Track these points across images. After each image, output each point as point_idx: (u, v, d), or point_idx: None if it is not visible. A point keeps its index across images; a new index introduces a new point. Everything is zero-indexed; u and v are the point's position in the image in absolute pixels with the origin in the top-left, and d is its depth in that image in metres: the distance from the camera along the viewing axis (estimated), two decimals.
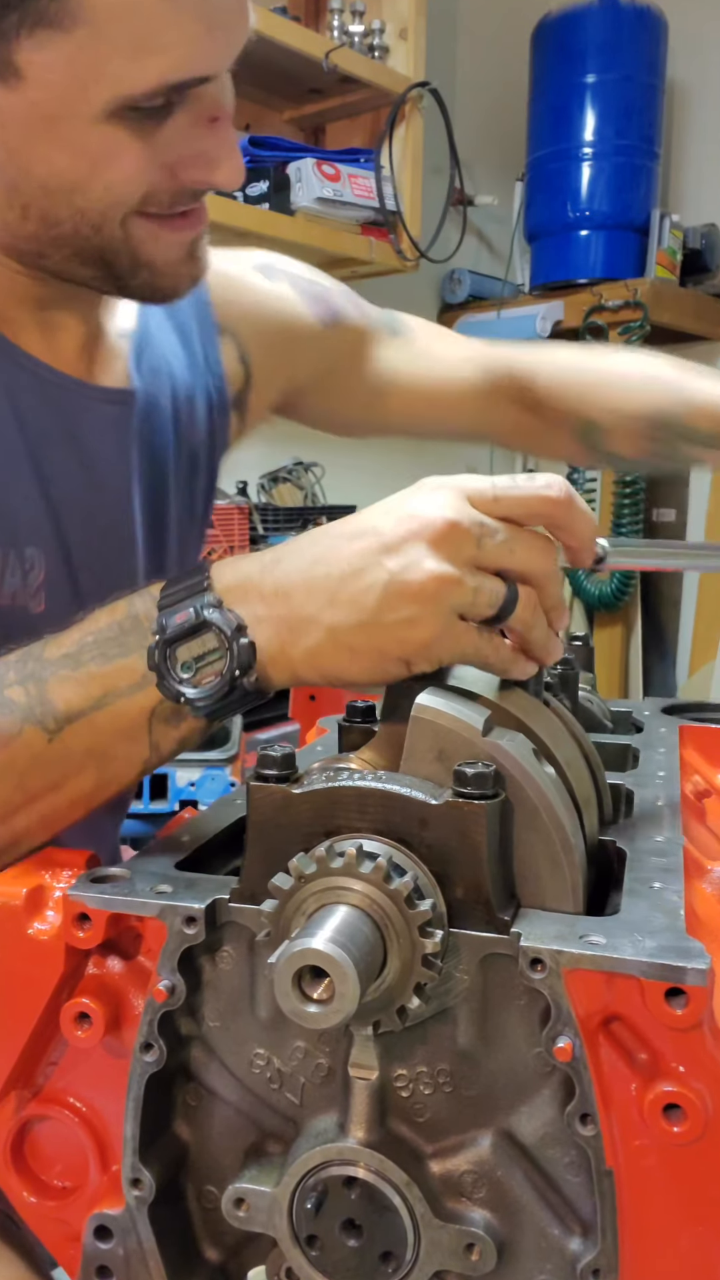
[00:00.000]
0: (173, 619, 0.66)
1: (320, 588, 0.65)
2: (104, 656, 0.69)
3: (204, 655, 0.66)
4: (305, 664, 0.65)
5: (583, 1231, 0.53)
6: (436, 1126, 0.55)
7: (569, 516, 0.65)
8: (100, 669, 0.69)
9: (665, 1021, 0.48)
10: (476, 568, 0.63)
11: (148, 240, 0.84)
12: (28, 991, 0.57)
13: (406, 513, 0.64)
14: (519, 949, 0.50)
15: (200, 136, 0.80)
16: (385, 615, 0.63)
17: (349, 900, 0.50)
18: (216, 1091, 0.59)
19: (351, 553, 0.64)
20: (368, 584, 0.63)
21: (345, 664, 0.65)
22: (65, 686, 0.70)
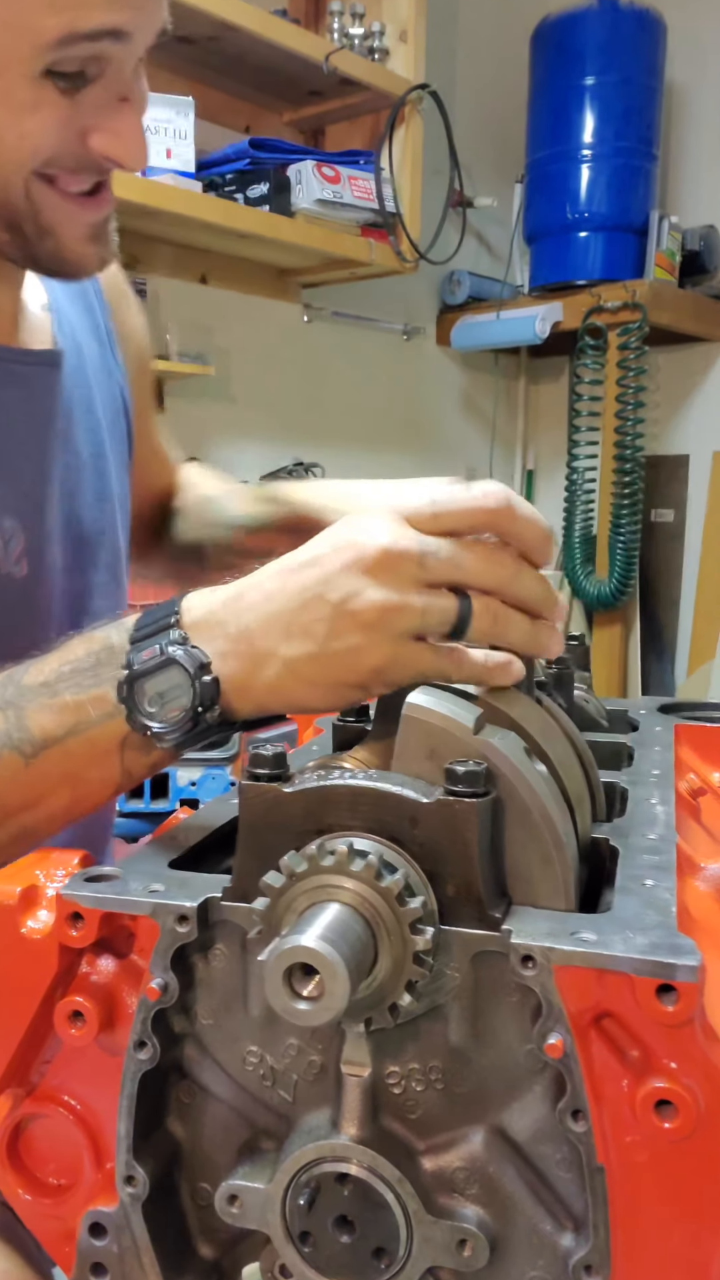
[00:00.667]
0: (140, 655, 0.69)
1: (275, 623, 0.66)
2: (79, 686, 0.72)
3: (168, 691, 0.68)
4: (268, 695, 0.67)
5: (574, 1227, 0.53)
6: (429, 1123, 0.55)
7: (510, 523, 0.65)
8: (75, 698, 0.71)
9: (656, 1018, 0.48)
10: (426, 586, 0.63)
11: (50, 209, 0.88)
12: (21, 990, 0.57)
13: (343, 541, 0.65)
14: (510, 946, 0.50)
15: (111, 111, 0.86)
16: (333, 645, 0.64)
17: (340, 898, 0.50)
18: (210, 1089, 0.59)
19: (299, 586, 0.66)
20: (314, 617, 0.65)
21: (305, 694, 0.67)
22: (42, 714, 0.72)
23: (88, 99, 0.85)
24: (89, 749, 0.72)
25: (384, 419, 3.97)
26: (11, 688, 0.74)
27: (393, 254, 3.20)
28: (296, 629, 0.65)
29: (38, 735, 0.72)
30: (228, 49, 2.77)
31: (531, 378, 4.51)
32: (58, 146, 0.85)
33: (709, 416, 4.08)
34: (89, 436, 1.11)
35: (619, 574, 3.67)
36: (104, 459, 1.13)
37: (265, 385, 3.52)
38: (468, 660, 0.64)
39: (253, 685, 0.67)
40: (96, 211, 0.92)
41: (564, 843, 0.55)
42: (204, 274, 3.25)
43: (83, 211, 0.90)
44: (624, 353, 3.55)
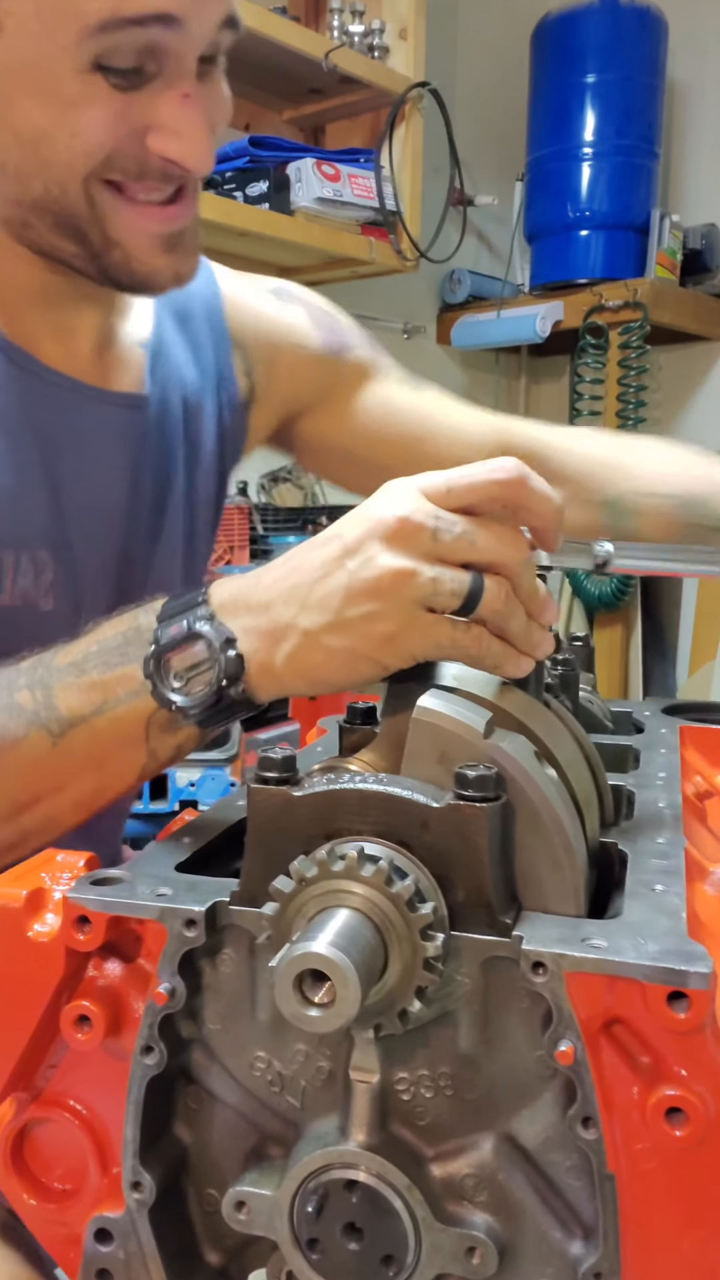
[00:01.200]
0: (168, 631, 0.70)
1: (294, 595, 0.67)
2: (106, 665, 0.73)
3: (195, 665, 0.69)
4: (288, 671, 0.68)
5: (584, 1235, 0.53)
6: (438, 1130, 0.55)
7: (524, 495, 0.64)
8: (102, 677, 0.72)
9: (667, 1025, 0.47)
10: (437, 560, 0.63)
11: (114, 215, 0.85)
12: (28, 994, 0.57)
13: (364, 515, 0.66)
14: (520, 952, 0.50)
15: (170, 108, 0.82)
16: (349, 612, 0.65)
17: (350, 903, 0.50)
18: (217, 1094, 0.59)
19: (318, 559, 0.67)
20: (332, 586, 0.65)
21: (322, 666, 0.67)
22: (70, 693, 0.73)
23: (146, 96, 0.81)
24: (115, 728, 0.72)
25: None
26: (41, 669, 0.75)
27: (393, 252, 3.19)
28: (314, 600, 0.66)
29: (65, 714, 0.73)
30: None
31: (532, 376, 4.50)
32: (114, 146, 0.82)
33: (710, 415, 4.08)
34: (165, 488, 1.08)
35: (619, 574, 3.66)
36: (195, 501, 1.11)
37: None
38: (487, 640, 0.64)
39: (274, 660, 0.68)
40: (168, 222, 0.88)
41: (574, 847, 0.55)
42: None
43: (151, 221, 0.87)
44: (625, 352, 3.55)
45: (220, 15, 0.83)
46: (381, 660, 0.65)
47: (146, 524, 1.06)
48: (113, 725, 0.72)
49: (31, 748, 0.73)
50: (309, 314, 1.27)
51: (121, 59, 0.78)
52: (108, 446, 1.01)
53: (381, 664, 0.65)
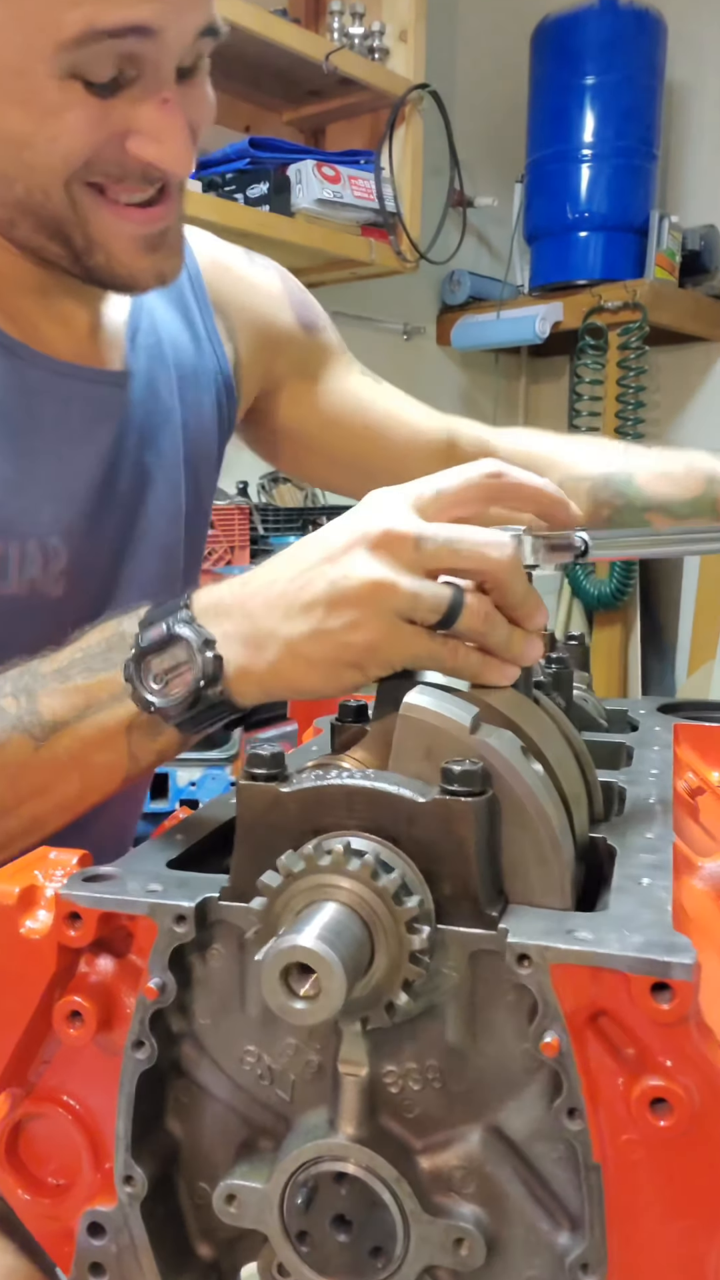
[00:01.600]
0: (148, 634, 0.70)
1: (277, 603, 0.68)
2: (89, 670, 0.74)
3: (174, 667, 0.69)
4: (270, 677, 0.69)
5: (571, 1226, 0.53)
6: (426, 1122, 0.55)
7: (510, 486, 0.66)
8: (85, 682, 0.73)
9: (651, 1016, 0.48)
10: (421, 571, 0.64)
11: (96, 217, 0.86)
12: (19, 990, 0.57)
13: (350, 524, 0.67)
14: (506, 945, 0.50)
15: (149, 113, 0.83)
16: (330, 622, 0.65)
17: (336, 898, 0.50)
18: (208, 1088, 0.59)
19: (301, 566, 0.68)
20: (313, 594, 0.66)
21: (304, 674, 0.68)
22: (53, 698, 0.74)
23: (125, 101, 0.82)
24: (97, 732, 0.73)
25: None
26: (27, 676, 0.76)
27: (393, 254, 3.20)
28: (296, 608, 0.67)
29: (48, 718, 0.73)
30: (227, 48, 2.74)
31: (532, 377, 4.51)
32: (93, 151, 0.83)
33: (709, 416, 4.08)
34: (166, 455, 1.08)
35: (619, 574, 3.67)
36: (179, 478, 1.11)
37: None
38: (463, 652, 0.65)
39: (255, 666, 0.69)
40: (149, 224, 0.89)
41: (560, 842, 0.56)
42: None
43: (133, 223, 0.88)
44: (624, 352, 3.55)
45: (199, 24, 0.84)
46: (362, 668, 0.66)
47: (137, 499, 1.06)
48: (95, 729, 0.73)
49: (14, 752, 0.74)
50: (284, 284, 1.27)
51: (98, 69, 0.79)
52: (101, 428, 1.02)
53: (362, 672, 0.67)
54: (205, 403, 1.14)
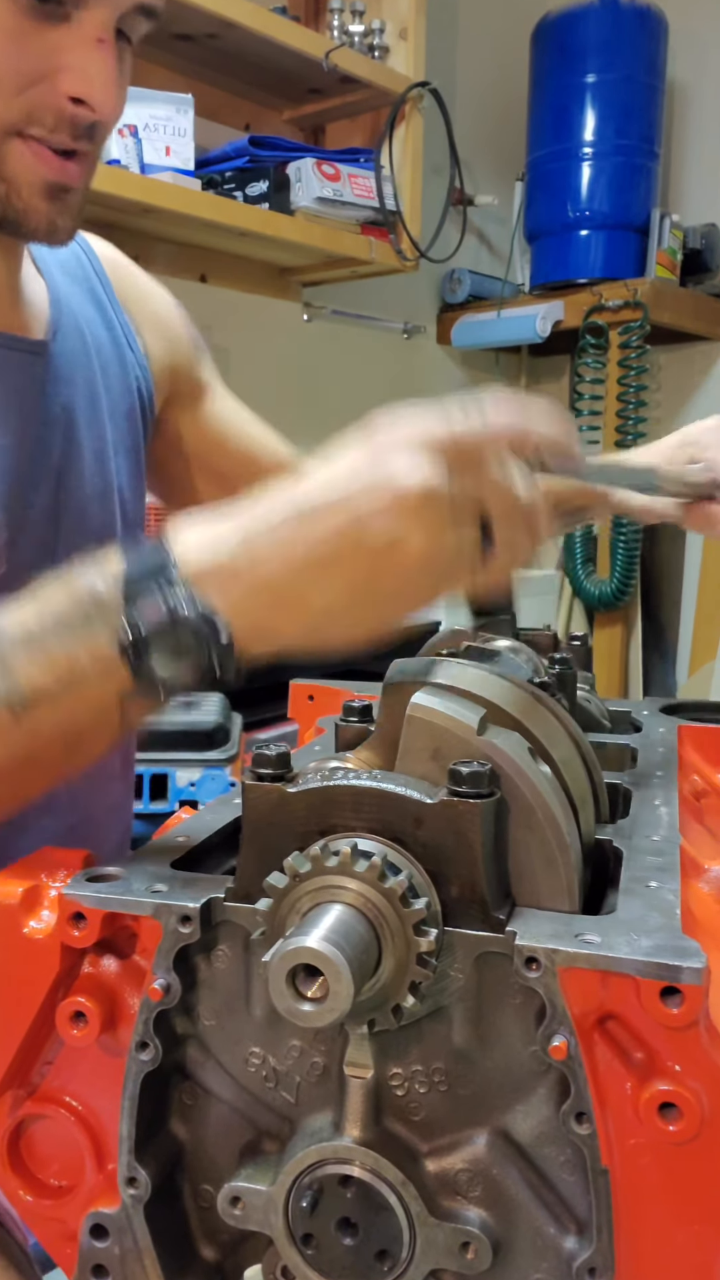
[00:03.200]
0: (143, 616, 0.64)
1: (304, 572, 0.63)
2: (69, 639, 0.67)
3: (181, 653, 0.64)
4: (299, 641, 0.65)
5: (578, 1230, 0.53)
6: (432, 1125, 0.55)
7: (530, 439, 0.65)
8: (66, 653, 0.66)
9: (661, 1020, 0.48)
10: (455, 524, 0.63)
11: (13, 156, 0.87)
12: (23, 991, 0.57)
13: (377, 481, 0.63)
14: (514, 948, 0.50)
15: (84, 49, 0.85)
16: (376, 592, 0.63)
17: (344, 899, 0.50)
18: (212, 1090, 0.59)
19: (329, 531, 0.63)
20: (353, 566, 0.62)
21: (341, 638, 0.65)
22: (32, 668, 0.67)
23: (61, 33, 0.84)
24: (85, 705, 0.67)
25: None
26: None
27: (393, 252, 3.19)
28: (334, 579, 0.63)
29: (27, 690, 0.67)
30: (227, 46, 2.77)
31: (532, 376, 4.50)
32: (21, 76, 0.83)
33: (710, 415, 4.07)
34: (92, 431, 1.07)
35: (620, 574, 3.66)
36: (107, 455, 1.09)
37: (265, 384, 3.52)
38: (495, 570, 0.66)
39: (278, 632, 0.65)
40: (57, 173, 0.89)
41: (568, 843, 0.55)
42: (203, 272, 3.24)
43: (42, 164, 0.88)
44: (625, 351, 3.55)
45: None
46: (402, 624, 0.65)
47: (90, 472, 1.06)
48: (84, 703, 0.67)
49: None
50: (174, 299, 1.27)
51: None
52: (26, 398, 1.00)
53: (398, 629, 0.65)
54: (121, 389, 1.13)
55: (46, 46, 0.84)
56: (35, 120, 0.85)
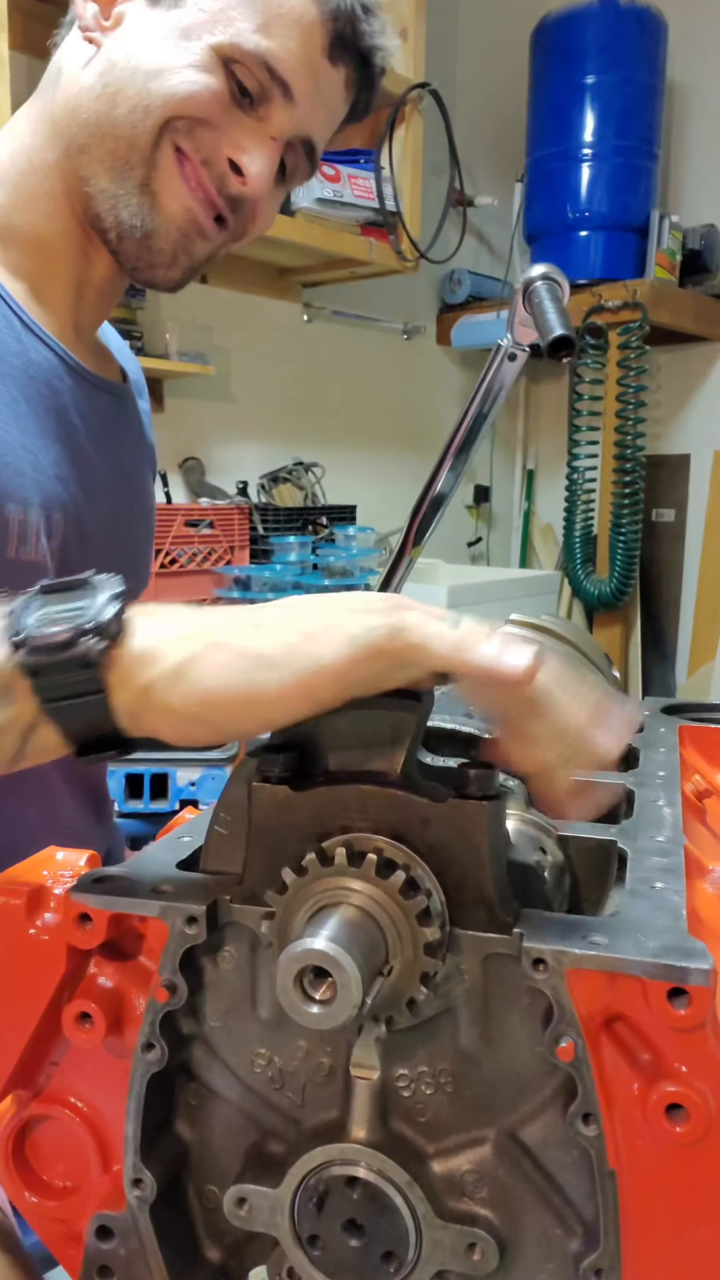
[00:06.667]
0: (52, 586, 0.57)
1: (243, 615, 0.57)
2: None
3: (65, 611, 0.55)
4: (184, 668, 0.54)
5: (585, 1232, 0.53)
6: (438, 1126, 0.55)
7: None
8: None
9: (668, 1022, 0.48)
10: None
11: (165, 168, 0.97)
12: (29, 992, 0.57)
13: None
14: (521, 949, 0.50)
15: (256, 138, 0.98)
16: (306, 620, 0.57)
17: (350, 900, 0.50)
18: (218, 1091, 0.59)
19: None
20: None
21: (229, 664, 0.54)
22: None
23: (245, 121, 0.97)
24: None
25: (384, 418, 3.97)
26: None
27: (393, 253, 3.19)
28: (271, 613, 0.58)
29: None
30: None
31: (532, 377, 4.50)
32: (202, 113, 0.95)
33: (710, 416, 4.08)
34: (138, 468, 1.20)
35: (619, 574, 3.67)
36: (147, 492, 1.23)
37: (265, 385, 3.52)
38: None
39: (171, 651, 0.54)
40: (201, 207, 0.99)
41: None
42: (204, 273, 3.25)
43: (190, 192, 0.98)
44: (624, 352, 3.55)
45: (317, 128, 1.03)
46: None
47: (135, 504, 1.18)
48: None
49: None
50: None
51: (246, 76, 0.95)
52: (101, 428, 1.10)
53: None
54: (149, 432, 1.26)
55: (231, 121, 0.97)
56: (193, 142, 0.96)
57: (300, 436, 3.63)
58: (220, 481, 3.31)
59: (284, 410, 3.59)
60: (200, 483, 3.27)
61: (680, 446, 4.17)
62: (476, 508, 4.46)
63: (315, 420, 3.70)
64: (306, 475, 3.58)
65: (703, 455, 4.11)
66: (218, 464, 3.36)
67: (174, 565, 2.90)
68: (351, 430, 3.84)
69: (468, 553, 4.42)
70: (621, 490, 3.64)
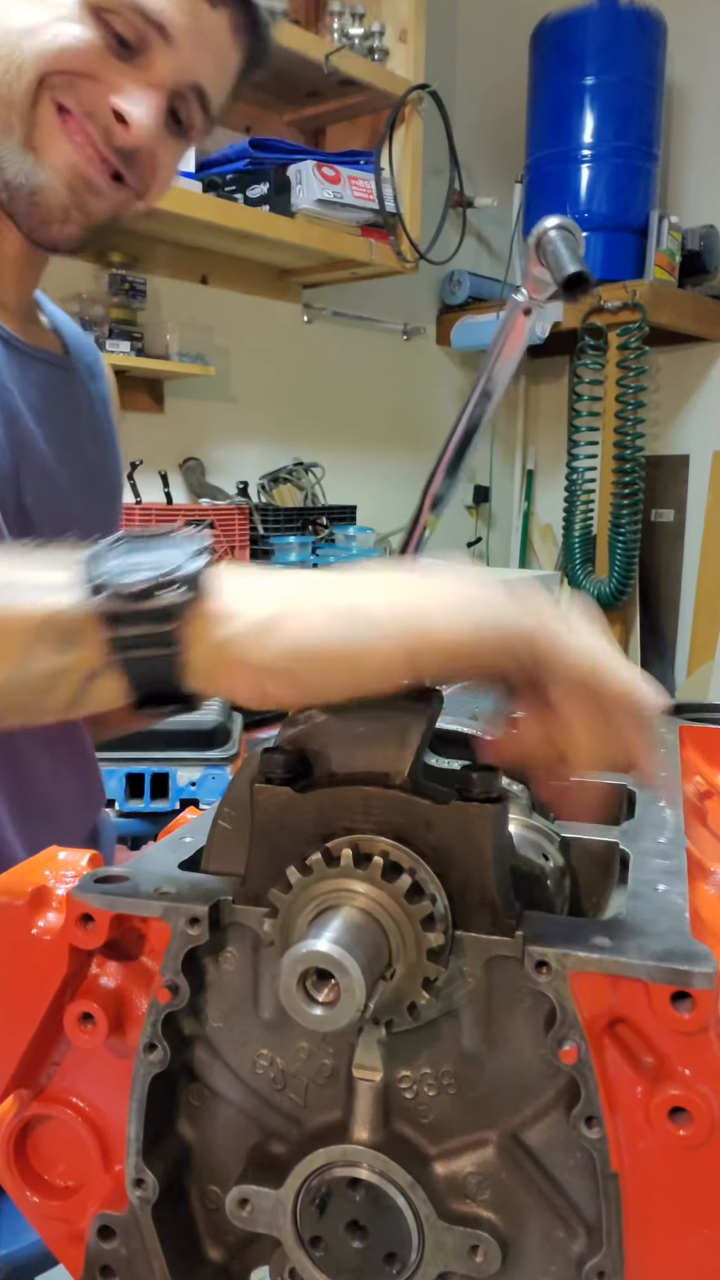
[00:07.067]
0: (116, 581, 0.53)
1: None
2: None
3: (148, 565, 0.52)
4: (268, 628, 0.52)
5: (587, 1234, 0.53)
6: (441, 1128, 0.55)
7: None
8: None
9: (671, 1025, 0.47)
10: None
11: (46, 120, 0.96)
12: (31, 992, 0.57)
13: None
14: (525, 951, 0.50)
15: (140, 85, 0.96)
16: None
17: (353, 902, 0.50)
18: (220, 1092, 0.59)
19: None
20: None
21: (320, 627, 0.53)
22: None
23: (125, 68, 0.95)
24: None
25: (384, 419, 3.97)
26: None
27: (393, 254, 3.20)
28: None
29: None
30: None
31: (531, 378, 4.51)
32: (79, 65, 0.93)
33: (709, 416, 4.08)
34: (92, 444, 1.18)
35: (619, 574, 3.67)
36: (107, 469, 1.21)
37: (265, 385, 3.52)
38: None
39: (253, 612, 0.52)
40: (90, 161, 0.97)
41: None
42: (204, 274, 3.25)
43: (74, 147, 0.96)
44: (624, 353, 3.55)
45: (206, 72, 0.99)
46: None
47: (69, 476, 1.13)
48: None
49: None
50: None
51: (121, 24, 0.93)
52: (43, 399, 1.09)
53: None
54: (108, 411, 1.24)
55: (110, 71, 0.95)
56: (74, 96, 0.95)
57: (300, 437, 3.63)
58: (220, 482, 3.32)
59: (284, 410, 3.59)
60: (200, 483, 3.27)
61: (679, 447, 4.17)
62: (476, 508, 4.46)
63: (315, 421, 3.70)
64: (306, 475, 3.58)
65: (702, 455, 4.12)
66: (218, 464, 3.36)
67: None
68: (351, 431, 3.84)
69: (468, 553, 4.43)
70: (621, 490, 3.65)
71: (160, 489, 3.21)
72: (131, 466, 3.11)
